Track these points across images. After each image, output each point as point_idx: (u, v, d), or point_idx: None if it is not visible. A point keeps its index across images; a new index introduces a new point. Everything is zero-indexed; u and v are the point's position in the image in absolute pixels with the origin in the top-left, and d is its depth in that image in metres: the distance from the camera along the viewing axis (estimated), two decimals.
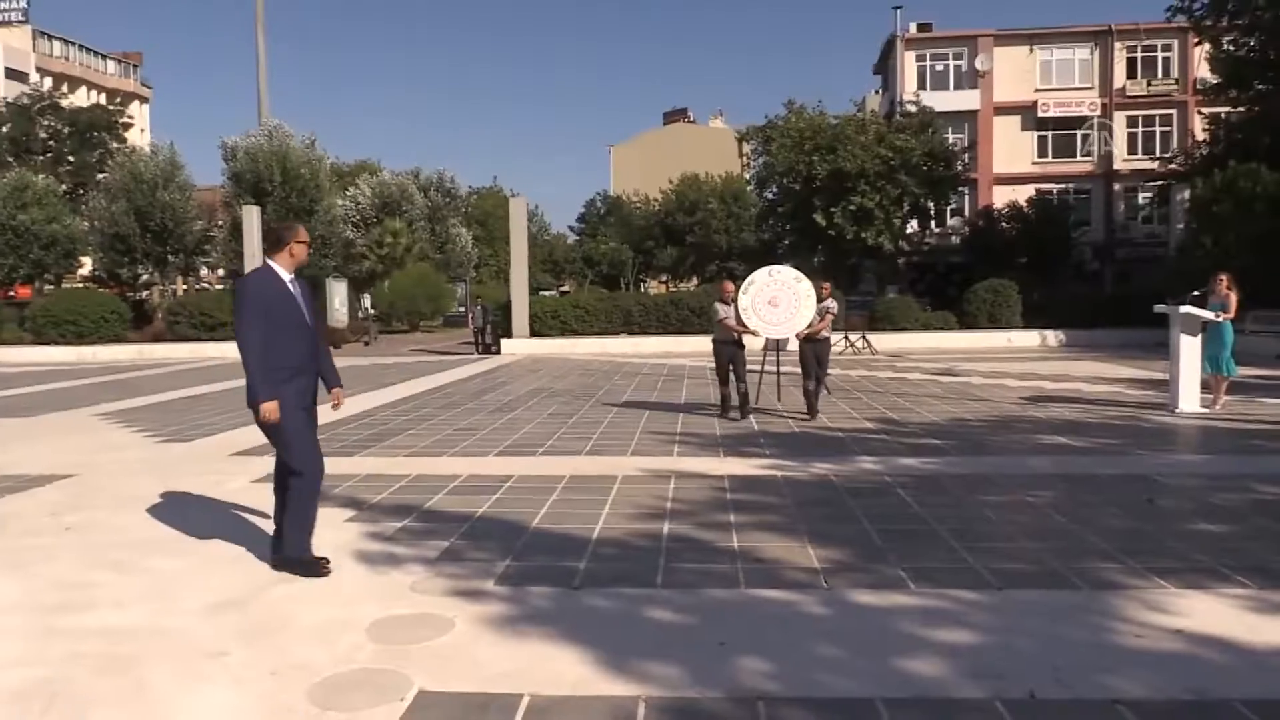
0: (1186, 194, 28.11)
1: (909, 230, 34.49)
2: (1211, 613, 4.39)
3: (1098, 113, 40.15)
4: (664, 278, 65.61)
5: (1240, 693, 3.54)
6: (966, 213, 39.57)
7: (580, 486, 7.40)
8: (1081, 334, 25.32)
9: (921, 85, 40.57)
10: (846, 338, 22.86)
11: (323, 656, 3.99)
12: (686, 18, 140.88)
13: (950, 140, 35.90)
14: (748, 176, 45.53)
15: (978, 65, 40.73)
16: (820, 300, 11.61)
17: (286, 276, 5.09)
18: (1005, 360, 20.43)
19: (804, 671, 3.77)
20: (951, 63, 41.55)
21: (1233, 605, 4.52)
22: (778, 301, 11.52)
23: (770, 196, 36.74)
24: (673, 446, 9.49)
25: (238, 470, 8.35)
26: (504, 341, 26.53)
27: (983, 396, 13.54)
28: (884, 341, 24.24)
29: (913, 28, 42.77)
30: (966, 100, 40.57)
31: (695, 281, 55.64)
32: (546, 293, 42.46)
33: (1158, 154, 37.60)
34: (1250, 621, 4.29)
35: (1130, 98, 40.31)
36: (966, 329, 26.26)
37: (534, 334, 26.55)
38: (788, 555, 5.37)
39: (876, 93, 49.38)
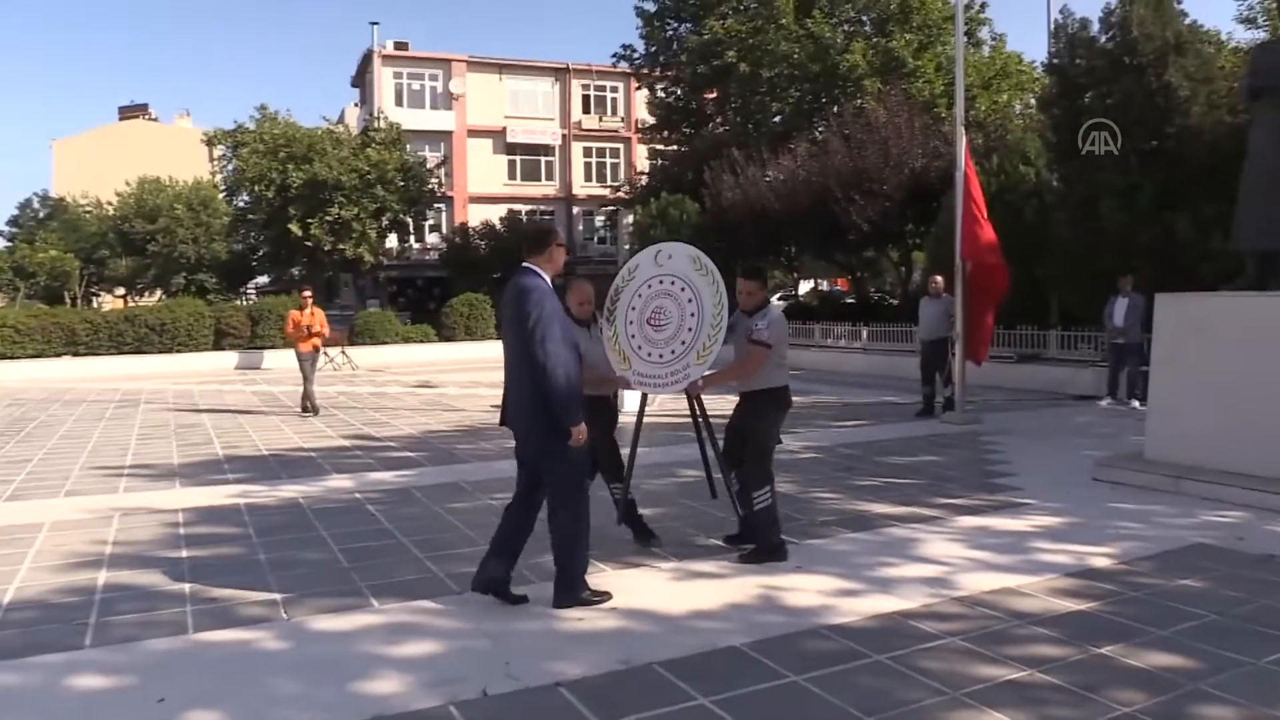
0: (631, 218, 31.91)
1: (389, 244, 34.67)
2: (642, 588, 4.98)
3: (559, 142, 43.88)
4: (120, 291, 58.46)
5: (660, 656, 4.04)
6: (444, 228, 40.83)
7: None
8: None
9: (399, 102, 40.98)
10: (325, 353, 22.24)
11: None
12: (149, 5, 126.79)
13: (427, 158, 36.79)
14: (218, 182, 42.35)
15: (452, 88, 42.22)
16: (751, 313, 5.67)
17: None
18: (480, 370, 21.40)
19: (257, 713, 3.55)
20: (428, 83, 42.55)
21: (658, 578, 5.16)
22: (662, 318, 5.75)
23: (243, 205, 34.59)
24: (119, 481, 8.45)
25: None
26: None
27: (458, 406, 14.04)
28: (364, 356, 24.06)
29: (390, 45, 43.06)
30: (442, 120, 41.83)
31: (159, 295, 50.37)
32: None
33: (609, 182, 42.20)
34: (672, 591, 4.93)
35: (586, 130, 44.63)
36: (445, 341, 27.08)
37: None
38: (245, 590, 5.03)
39: (356, 105, 48.88)
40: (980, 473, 8.20)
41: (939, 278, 12.56)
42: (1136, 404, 11.78)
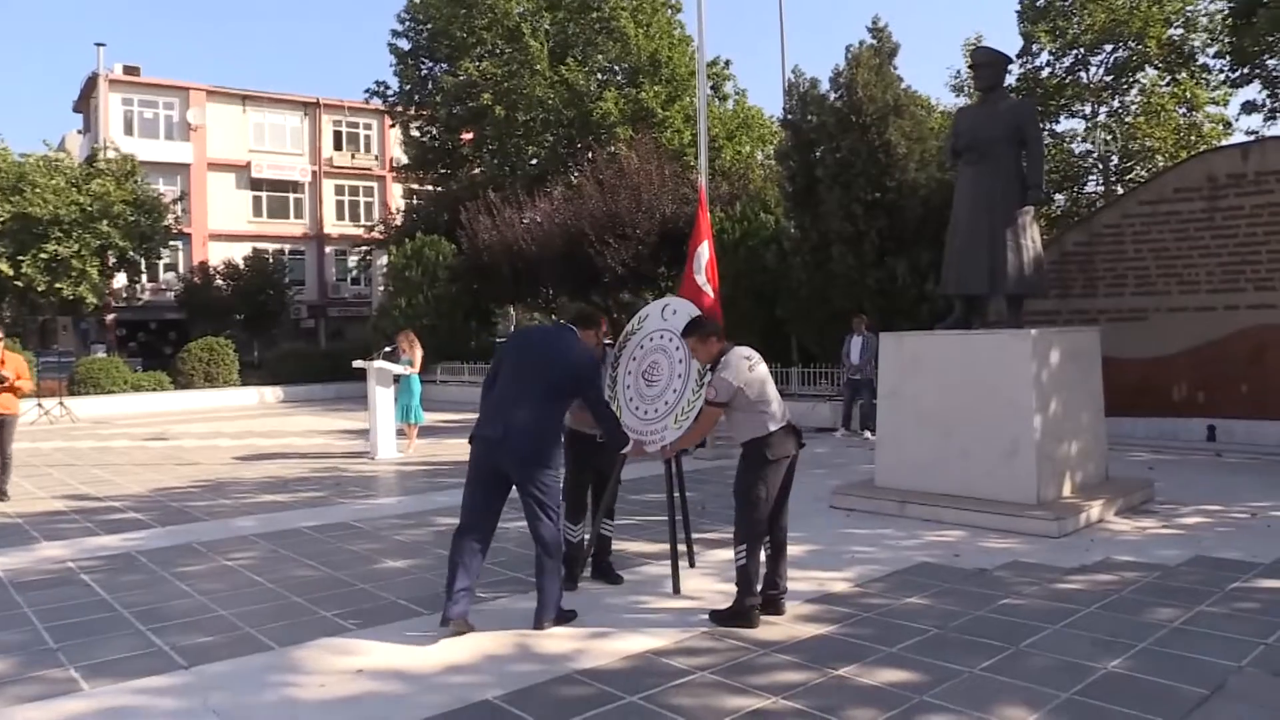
0: (385, 259, 31.06)
1: (116, 284, 31.90)
2: (390, 646, 4.73)
3: (309, 179, 42.17)
4: None
5: (410, 716, 3.87)
6: (182, 268, 38.09)
7: None
8: (299, 389, 26.10)
9: (129, 131, 37.98)
10: (40, 404, 20.05)
11: None
12: None
13: (161, 192, 34.23)
14: None
15: (190, 119, 39.64)
16: (712, 368, 5.27)
17: None
18: (222, 420, 20.03)
19: None
20: (162, 112, 39.73)
21: (409, 635, 4.93)
22: (655, 374, 5.82)
23: None
24: None
25: None
26: None
27: (194, 460, 13.01)
28: (87, 406, 21.84)
29: (118, 68, 39.85)
30: (179, 152, 39.12)
31: None
32: None
33: (362, 221, 40.96)
34: (424, 646, 4.72)
35: (338, 168, 43.14)
36: (182, 389, 25.07)
37: None
38: None
39: (80, 133, 44.75)
40: (730, 506, 8.49)
41: None
42: (869, 435, 12.70)
